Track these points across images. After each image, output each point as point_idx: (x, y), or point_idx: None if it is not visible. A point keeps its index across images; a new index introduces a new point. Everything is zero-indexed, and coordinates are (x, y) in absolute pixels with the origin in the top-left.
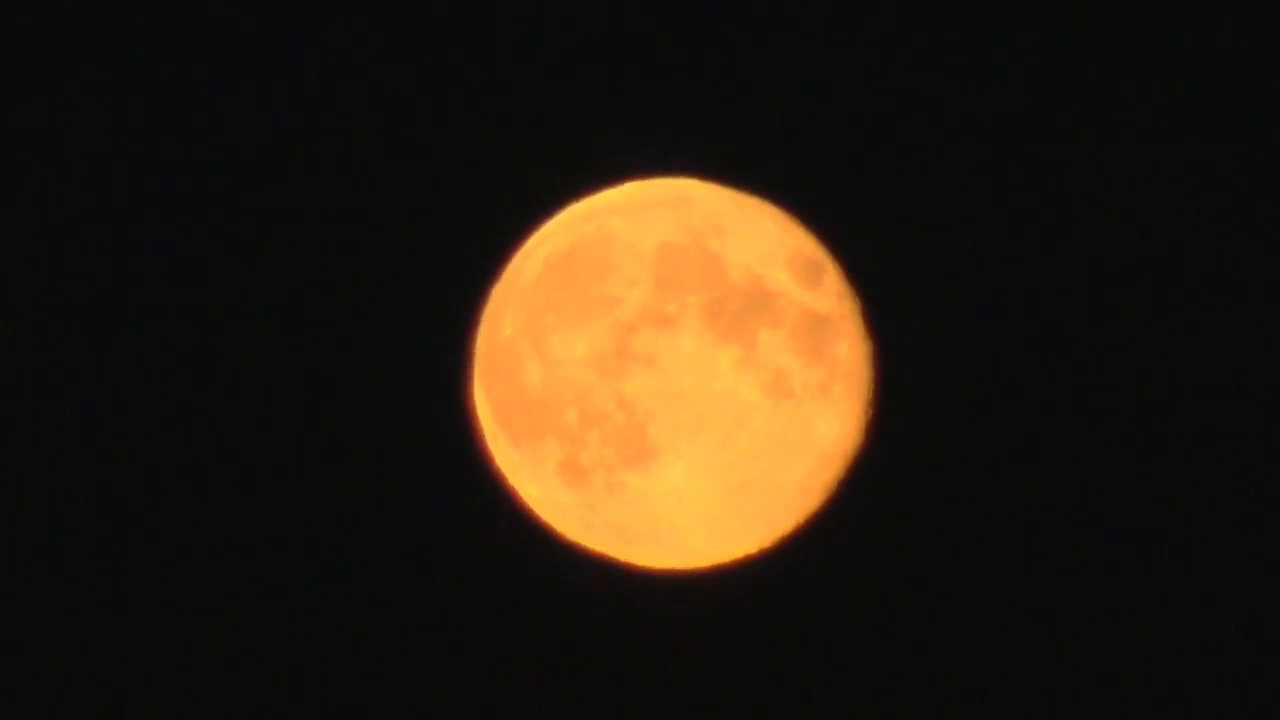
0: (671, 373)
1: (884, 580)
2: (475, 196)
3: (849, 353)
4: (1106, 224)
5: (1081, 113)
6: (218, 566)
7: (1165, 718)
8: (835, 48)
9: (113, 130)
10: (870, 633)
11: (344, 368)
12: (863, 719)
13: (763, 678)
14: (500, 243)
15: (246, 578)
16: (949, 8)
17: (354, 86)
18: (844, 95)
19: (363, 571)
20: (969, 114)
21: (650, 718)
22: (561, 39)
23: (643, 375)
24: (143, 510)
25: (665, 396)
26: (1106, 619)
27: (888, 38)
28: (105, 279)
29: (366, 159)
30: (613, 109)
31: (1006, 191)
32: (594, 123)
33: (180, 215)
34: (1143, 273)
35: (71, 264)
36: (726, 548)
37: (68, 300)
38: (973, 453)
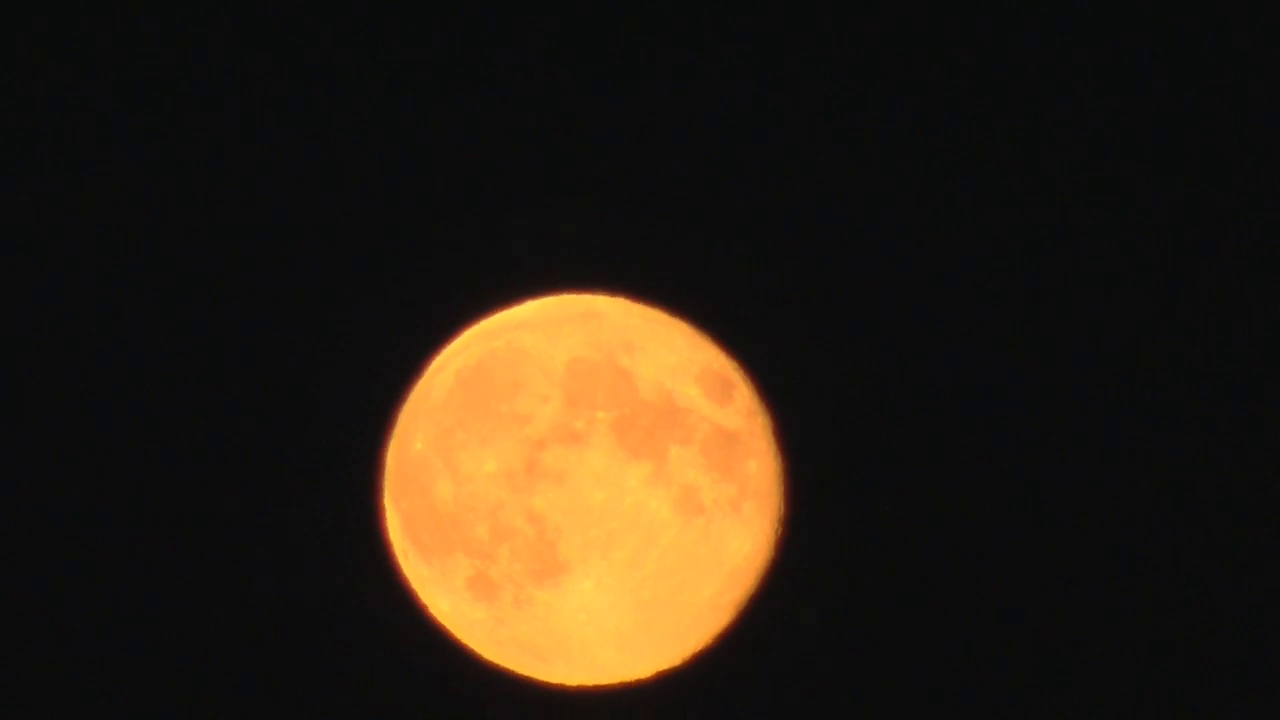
0: (581, 489)
1: (795, 696)
2: (386, 312)
3: (759, 469)
4: (1015, 339)
5: (983, 227)
6: (128, 671)
7: None
8: (745, 165)
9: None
10: None
11: (254, 480)
12: None
13: None
14: (411, 358)
15: (150, 683)
16: (851, 115)
17: (268, 200)
18: (755, 213)
19: (270, 687)
20: (876, 228)
21: None
22: (472, 157)
23: (553, 491)
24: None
25: (575, 512)
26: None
27: (797, 151)
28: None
29: (278, 271)
30: (523, 226)
31: (920, 310)
32: (505, 239)
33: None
34: (1068, 392)
35: None
36: (636, 664)
37: None
38: (884, 569)
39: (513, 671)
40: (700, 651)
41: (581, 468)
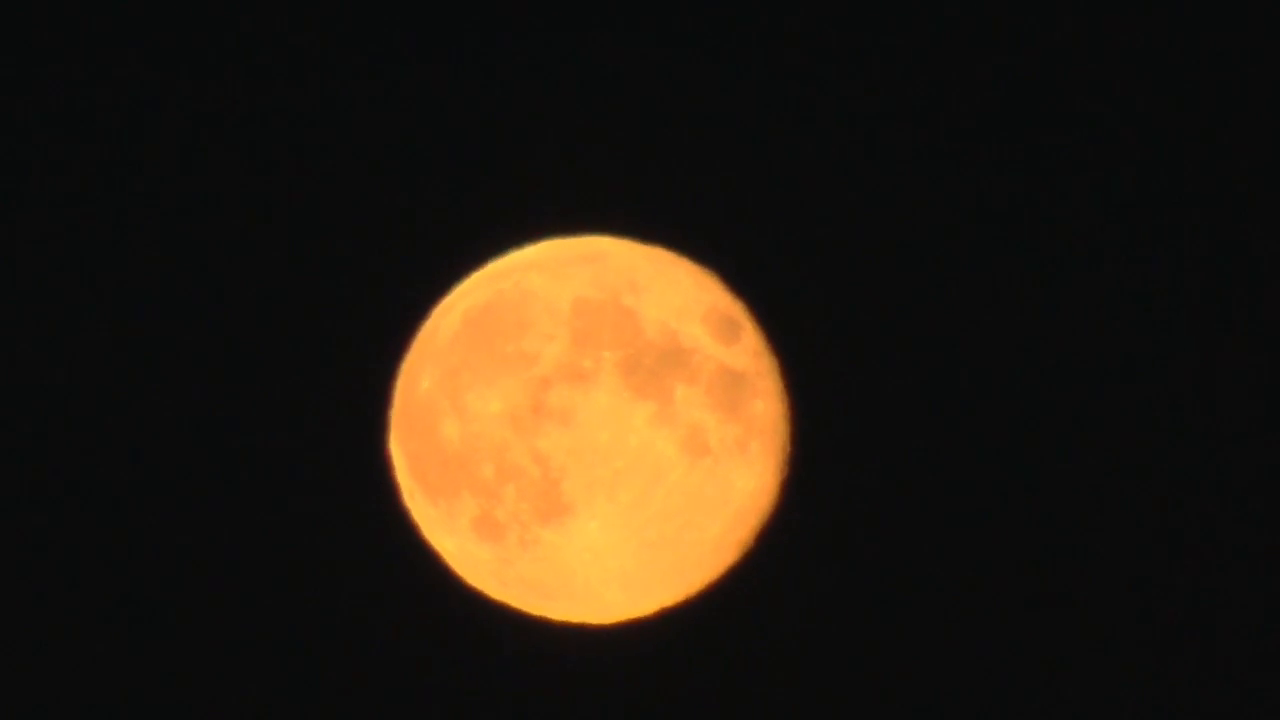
0: (587, 429)
1: (798, 636)
2: (394, 253)
3: (765, 410)
4: (1028, 284)
5: (998, 169)
6: (132, 615)
7: None
8: (752, 104)
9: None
10: (784, 689)
11: (262, 422)
12: None
13: None
14: (419, 299)
15: (155, 628)
16: (865, 59)
17: (274, 143)
18: (761, 152)
19: (275, 625)
20: (886, 169)
21: None
22: (481, 98)
23: (558, 431)
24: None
25: (580, 452)
26: (1030, 663)
27: (805, 92)
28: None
29: (286, 212)
30: (530, 167)
31: (926, 248)
32: (511, 181)
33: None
34: (1065, 331)
35: None
36: (641, 603)
37: None
38: (888, 510)
39: (519, 610)
40: (705, 590)
41: (587, 408)
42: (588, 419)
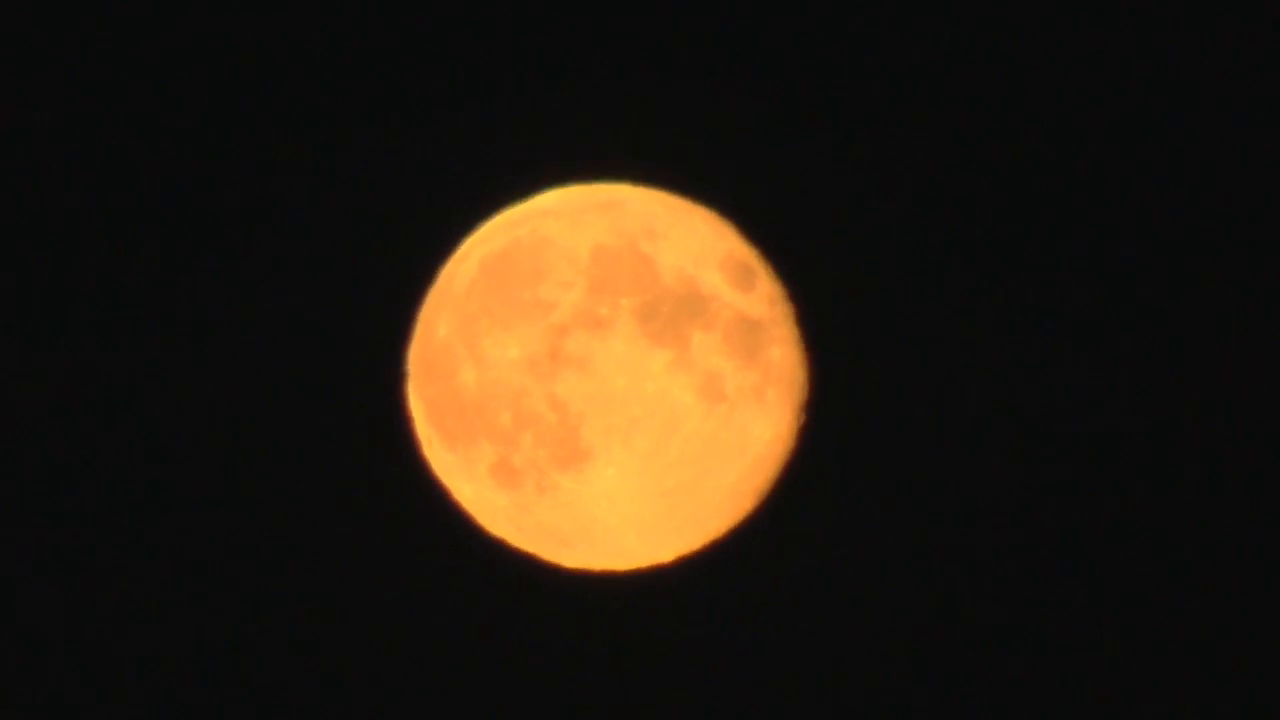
0: (604, 375)
1: (815, 583)
2: (411, 201)
3: (782, 357)
4: (1043, 230)
5: (1018, 115)
6: (149, 566)
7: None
8: (769, 52)
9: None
10: (800, 635)
11: (279, 370)
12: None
13: (692, 679)
14: (435, 246)
15: (173, 576)
16: (883, 4)
17: (291, 89)
18: (778, 99)
19: (294, 572)
20: (902, 117)
21: (581, 717)
22: (496, 44)
23: (575, 378)
24: (76, 505)
25: (598, 399)
26: (1042, 615)
27: (821, 40)
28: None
29: (302, 160)
30: (547, 114)
31: (940, 195)
32: (528, 128)
33: (106, 217)
34: (1080, 278)
35: None
36: (658, 550)
37: None
38: (905, 457)
39: (536, 556)
40: (722, 537)
41: (604, 354)
42: (605, 366)
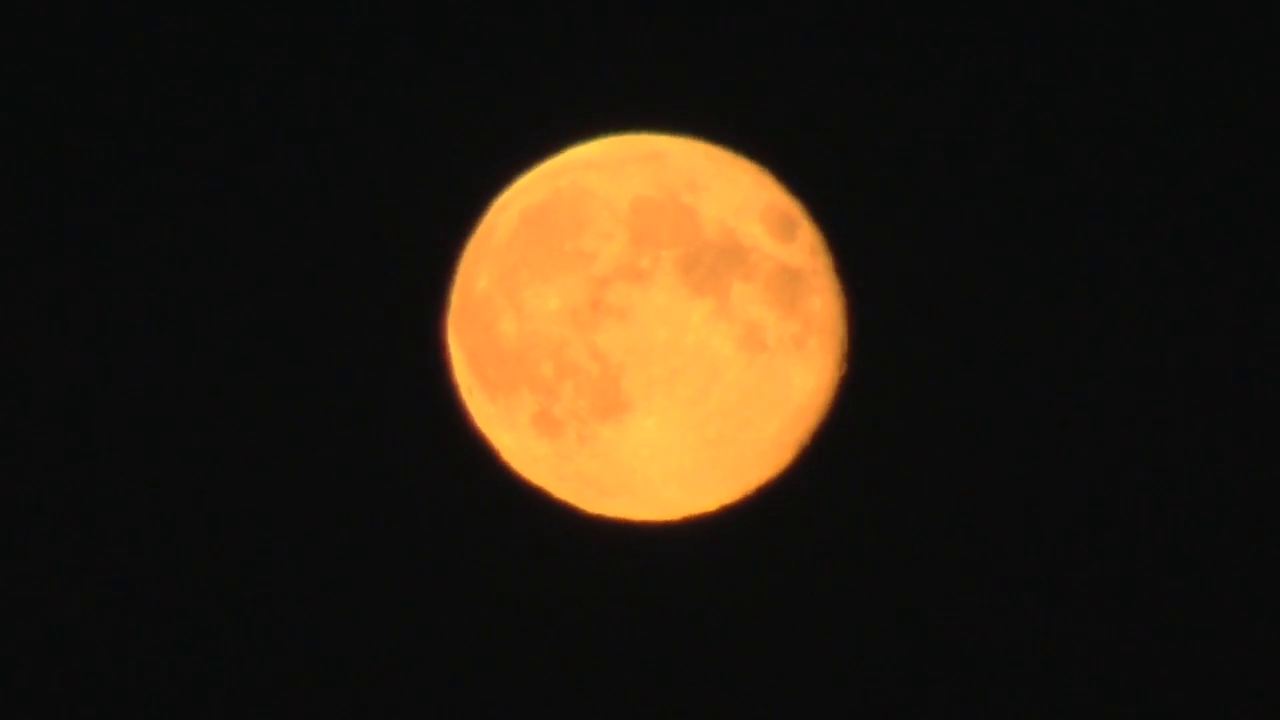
0: (645, 326)
1: (856, 534)
2: (451, 152)
3: (823, 307)
4: (1085, 192)
5: (1062, 86)
6: (194, 528)
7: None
8: (810, 2)
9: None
10: (841, 586)
11: (322, 319)
12: (830, 672)
13: (733, 630)
14: (475, 197)
15: (218, 534)
16: None
17: (325, 45)
18: (819, 51)
19: (337, 524)
20: (948, 73)
21: (621, 668)
22: None
23: (616, 328)
24: (115, 484)
25: (639, 350)
26: (1078, 580)
27: None
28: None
29: (345, 111)
30: (588, 64)
31: (982, 150)
32: (569, 78)
33: (148, 184)
34: (1117, 244)
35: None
36: (699, 500)
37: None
38: (945, 408)
39: (576, 506)
40: (763, 488)
41: (645, 305)
42: (646, 316)
